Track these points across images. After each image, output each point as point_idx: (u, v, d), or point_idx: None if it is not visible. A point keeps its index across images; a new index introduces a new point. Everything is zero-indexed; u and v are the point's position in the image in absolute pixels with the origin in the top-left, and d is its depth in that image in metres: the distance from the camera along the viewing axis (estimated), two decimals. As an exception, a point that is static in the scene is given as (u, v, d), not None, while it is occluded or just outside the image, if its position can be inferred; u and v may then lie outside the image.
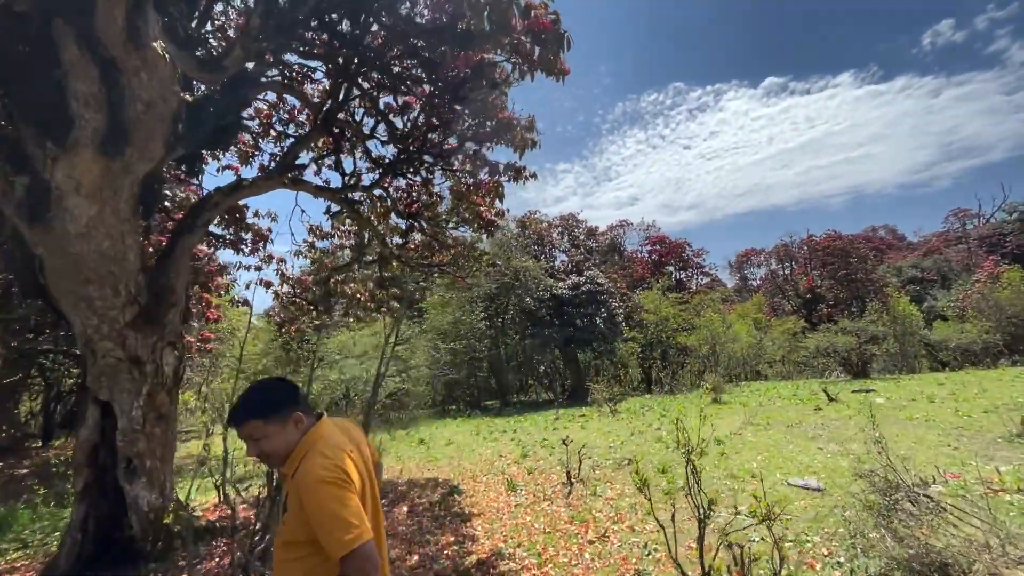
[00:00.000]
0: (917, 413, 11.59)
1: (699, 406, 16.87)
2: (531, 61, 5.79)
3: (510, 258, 22.46)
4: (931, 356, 30.42)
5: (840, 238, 34.77)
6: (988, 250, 40.06)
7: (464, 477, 9.41)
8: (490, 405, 24.44)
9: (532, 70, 5.76)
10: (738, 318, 35.13)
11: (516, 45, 5.56)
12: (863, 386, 17.58)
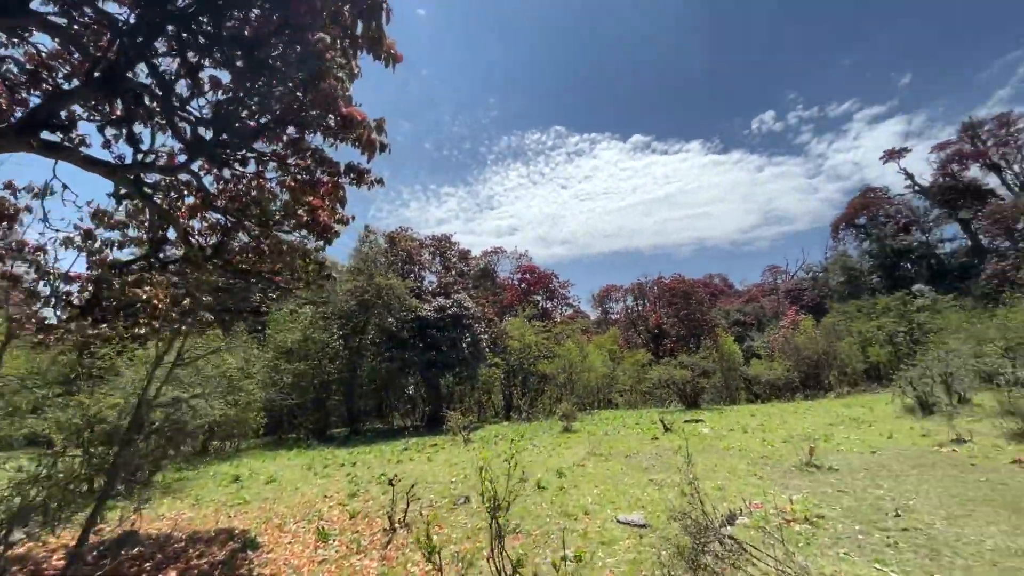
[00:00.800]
0: (733, 443, 12.77)
1: (551, 435, 17.01)
2: (353, 38, 5.08)
3: (373, 274, 21.00)
4: (748, 389, 35.19)
5: (684, 282, 39.14)
6: (792, 301, 48.24)
7: (269, 526, 7.88)
8: (337, 433, 22.24)
9: (356, 49, 5.04)
10: (595, 349, 37.27)
11: (334, 12, 4.80)
12: (694, 416, 19.32)
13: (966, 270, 34.91)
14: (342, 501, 8.99)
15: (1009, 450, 9.50)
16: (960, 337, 21.12)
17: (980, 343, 20.41)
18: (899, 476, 8.43)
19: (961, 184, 39.51)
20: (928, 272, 37.80)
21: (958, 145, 41.18)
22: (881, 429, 13.15)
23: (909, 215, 40.79)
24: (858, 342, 30.37)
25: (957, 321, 23.59)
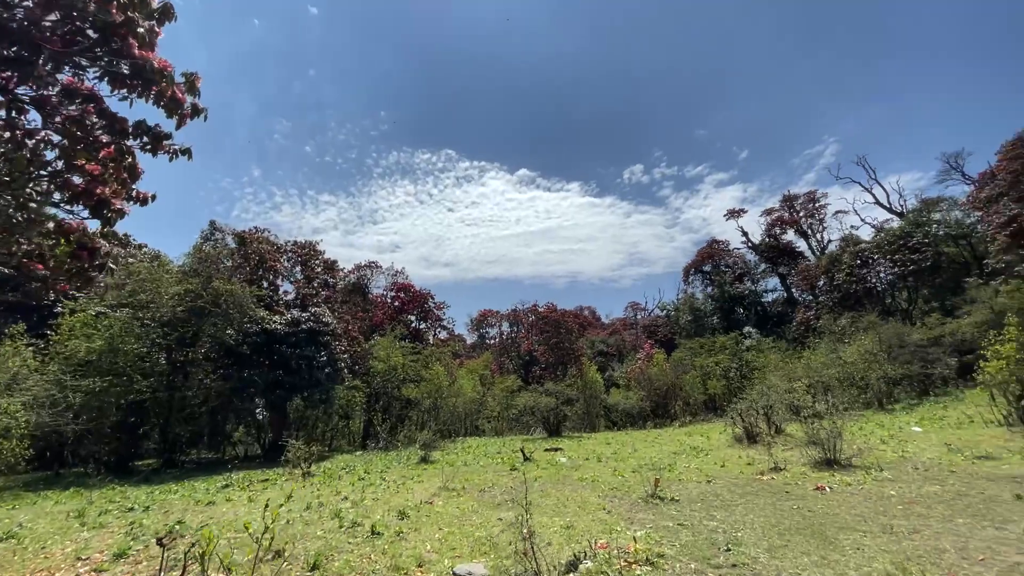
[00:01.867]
0: (587, 473, 12.76)
1: (406, 466, 15.68)
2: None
3: (212, 276, 17.96)
4: (607, 417, 37.17)
5: (556, 311, 40.61)
6: (648, 336, 52.84)
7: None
8: (144, 466, 18.28)
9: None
10: (467, 373, 36.64)
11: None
12: (555, 444, 19.40)
13: (782, 317, 41.30)
14: (100, 566, 6.81)
15: (813, 477, 10.62)
16: (777, 374, 24.38)
17: (791, 380, 23.72)
18: (729, 505, 8.82)
19: (781, 245, 47.15)
20: (755, 317, 44.03)
21: (780, 212, 49.29)
22: (716, 457, 14.18)
23: (743, 267, 47.51)
24: (700, 375, 33.83)
25: (775, 360, 27.36)
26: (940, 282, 30.38)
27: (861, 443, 14.15)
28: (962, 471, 10.20)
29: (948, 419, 16.68)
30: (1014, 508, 7.53)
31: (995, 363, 14.02)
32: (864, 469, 10.87)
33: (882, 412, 20.78)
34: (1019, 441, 12.49)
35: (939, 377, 22.68)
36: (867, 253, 32.68)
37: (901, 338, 23.99)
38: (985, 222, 29.39)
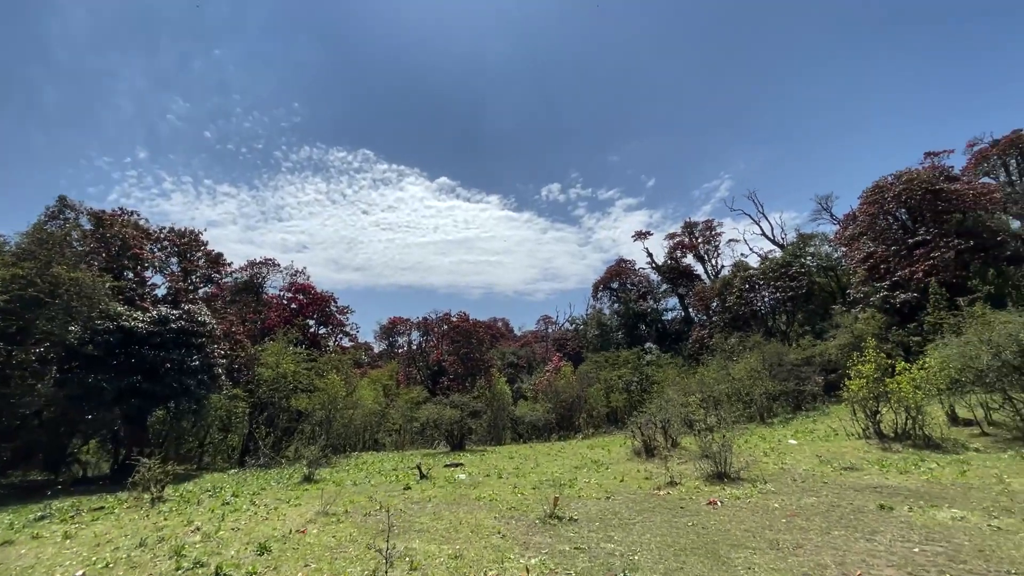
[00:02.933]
0: (486, 491, 12.03)
1: (286, 487, 13.90)
2: None
3: (52, 261, 14.85)
4: (514, 429, 36.88)
5: (468, 321, 39.81)
6: (558, 349, 53.82)
7: None
8: (-63, 494, 14.56)
9: None
10: (369, 383, 34.54)
11: None
12: (456, 460, 18.47)
13: (680, 335, 43.97)
14: None
15: (706, 491, 10.77)
16: (673, 389, 25.53)
17: (687, 394, 24.93)
18: (628, 524, 8.53)
19: (681, 267, 50.48)
20: (656, 333, 46.48)
21: (681, 237, 52.88)
22: (616, 472, 14.14)
23: (647, 286, 50.17)
24: (603, 388, 34.73)
25: (672, 375, 28.73)
26: (812, 308, 34.03)
27: (748, 456, 14.87)
28: (832, 482, 10.88)
29: (817, 432, 18.20)
30: (879, 518, 7.97)
31: (856, 382, 15.49)
32: (751, 482, 11.26)
33: (763, 426, 22.37)
34: (876, 452, 13.79)
35: (810, 393, 25.03)
36: (754, 279, 35.85)
37: (780, 357, 26.25)
38: (848, 257, 33.48)
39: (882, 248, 28.71)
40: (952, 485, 9.85)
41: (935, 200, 27.63)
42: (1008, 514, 7.70)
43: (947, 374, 14.92)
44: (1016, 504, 8.25)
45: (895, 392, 14.47)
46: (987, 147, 36.13)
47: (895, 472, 11.27)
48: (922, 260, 26.03)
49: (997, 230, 27.45)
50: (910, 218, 28.76)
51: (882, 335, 24.65)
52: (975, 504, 8.36)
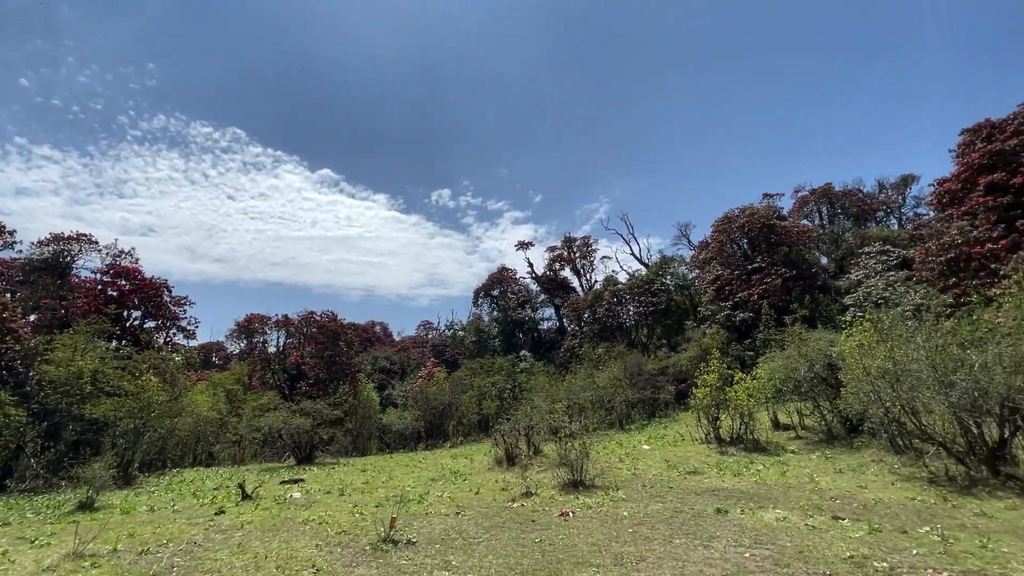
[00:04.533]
0: (319, 512, 10.36)
1: (45, 518, 10.71)
2: None
3: None
4: (381, 438, 34.54)
5: (335, 321, 36.62)
6: (436, 355, 52.24)
7: None
8: None
9: None
10: (207, 387, 29.89)
11: None
12: (298, 475, 16.22)
13: (554, 343, 45.26)
14: None
15: (560, 501, 10.36)
16: (541, 396, 25.70)
17: (554, 401, 25.19)
18: (472, 545, 7.64)
19: (558, 279, 52.29)
20: (532, 341, 47.33)
21: (560, 251, 54.92)
22: (473, 483, 13.29)
23: (526, 295, 51.08)
24: (476, 395, 34.12)
25: (542, 382, 29.04)
26: (669, 323, 37.10)
27: (604, 462, 15.03)
28: (678, 486, 11.17)
29: (668, 437, 19.28)
30: (716, 522, 8.07)
31: (702, 390, 16.63)
32: (605, 489, 11.12)
33: (622, 432, 23.35)
34: (715, 456, 14.75)
35: (663, 401, 26.87)
36: (621, 293, 38.17)
37: (640, 367, 27.88)
38: (700, 279, 37.18)
39: (727, 272, 32.23)
40: (775, 485, 10.59)
41: (769, 234, 31.78)
42: (819, 512, 8.25)
43: (773, 384, 16.65)
44: (824, 502, 8.96)
45: (732, 400, 15.72)
46: (807, 194, 42.98)
47: (730, 475, 11.95)
48: (758, 284, 29.63)
49: (812, 263, 32.40)
50: (750, 247, 32.74)
51: (724, 349, 27.38)
52: (793, 503, 8.92)
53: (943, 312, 14.81)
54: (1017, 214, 18.43)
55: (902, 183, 40.92)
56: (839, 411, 14.69)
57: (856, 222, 39.76)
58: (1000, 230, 18.67)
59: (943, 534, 6.63)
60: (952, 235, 19.97)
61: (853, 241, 33.81)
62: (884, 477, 10.46)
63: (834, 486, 10.08)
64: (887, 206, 41.42)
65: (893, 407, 10.89)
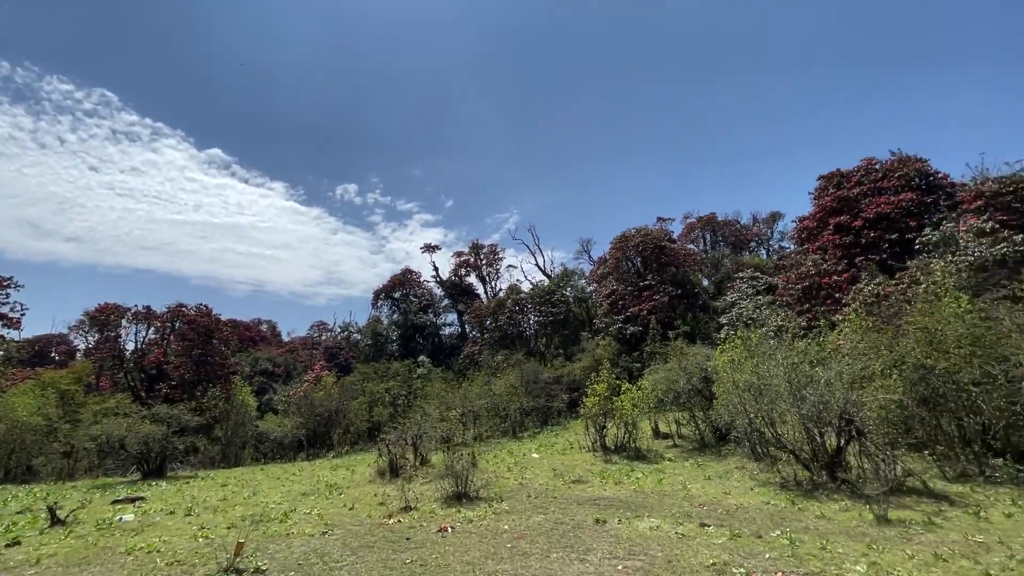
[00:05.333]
0: (152, 537, 8.76)
1: None
2: None
3: None
4: (257, 447, 31.27)
5: (208, 316, 32.72)
6: (328, 358, 48.86)
7: None
8: None
9: None
10: (34, 388, 25.03)
11: None
12: (137, 491, 13.86)
13: (454, 349, 44.58)
14: None
15: (441, 515, 9.78)
16: (435, 403, 24.95)
17: (449, 408, 24.54)
18: (332, 570, 6.80)
19: (463, 285, 51.82)
20: (432, 347, 46.21)
21: (467, 257, 54.56)
22: (349, 497, 12.24)
23: (429, 299, 49.90)
24: (367, 402, 32.32)
25: (438, 389, 28.24)
26: (567, 333, 38.25)
27: (492, 472, 14.70)
28: (562, 496, 11.12)
29: (558, 445, 19.53)
30: (594, 533, 8.02)
31: (591, 399, 17.04)
32: (489, 501, 10.75)
33: (515, 440, 23.32)
34: (600, 464, 15.10)
35: (556, 409, 27.40)
36: (524, 302, 38.67)
37: (536, 375, 28.24)
38: (597, 292, 38.87)
39: (622, 287, 34.00)
40: (652, 493, 10.95)
41: (660, 254, 34.12)
42: (688, 519, 8.56)
43: (655, 395, 17.57)
44: (693, 509, 9.37)
45: (618, 409, 16.28)
46: (695, 221, 47.12)
47: (612, 483, 12.20)
48: (647, 300, 31.57)
49: (695, 284, 35.32)
50: (643, 265, 34.88)
51: (615, 360, 28.70)
52: (667, 511, 9.22)
53: (798, 333, 16.65)
54: (857, 251, 21.53)
55: (771, 218, 46.39)
56: (711, 421, 15.83)
57: (734, 249, 44.24)
58: (843, 264, 21.65)
59: (791, 537, 7.12)
60: (807, 266, 22.77)
61: (730, 266, 37.47)
62: (745, 483, 11.27)
63: (703, 493, 10.64)
64: (759, 237, 46.67)
65: (755, 418, 11.83)
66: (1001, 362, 10.55)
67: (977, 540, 6.73)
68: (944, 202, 20.62)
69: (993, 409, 10.41)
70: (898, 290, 16.40)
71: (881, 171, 23.07)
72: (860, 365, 11.30)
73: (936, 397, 11.10)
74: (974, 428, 10.95)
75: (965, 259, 15.80)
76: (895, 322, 13.40)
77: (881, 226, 21.38)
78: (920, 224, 20.22)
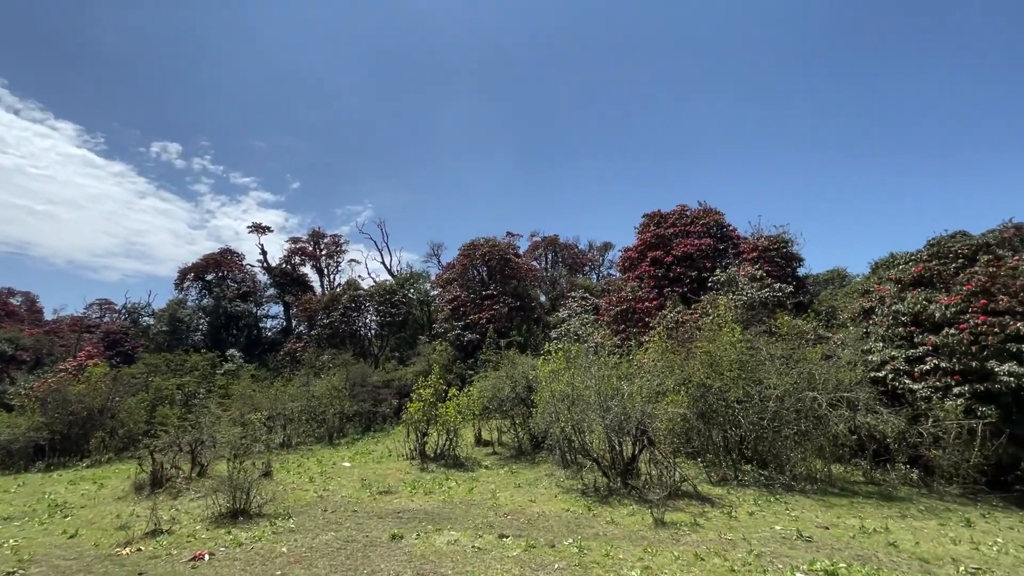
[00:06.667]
0: None
1: None
2: None
3: None
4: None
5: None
6: (109, 345, 39.52)
7: None
8: None
9: None
10: None
11: None
12: None
13: (275, 345, 39.75)
14: None
15: (203, 539, 8.00)
16: (238, 403, 21.62)
17: (255, 410, 21.37)
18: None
19: (296, 274, 46.90)
20: (248, 340, 40.58)
21: (305, 245, 49.67)
22: (79, 520, 9.48)
23: (251, 286, 43.90)
24: (151, 399, 26.72)
25: (243, 388, 24.55)
26: (404, 336, 36.91)
27: (291, 483, 12.94)
28: (363, 509, 10.08)
29: (376, 453, 18.28)
30: (387, 552, 7.22)
31: (416, 404, 16.23)
32: (272, 518, 9.18)
33: (330, 447, 21.28)
34: (415, 473, 14.33)
35: (382, 415, 25.91)
36: (362, 299, 36.30)
37: (364, 378, 26.43)
38: (440, 297, 38.42)
39: (465, 294, 34.07)
40: (460, 503, 10.54)
41: (505, 266, 35.11)
42: (490, 530, 8.29)
43: (481, 401, 17.52)
44: (498, 519, 9.17)
45: (442, 416, 15.77)
46: (539, 240, 49.91)
47: (421, 494, 11.52)
48: (488, 309, 32.08)
49: (534, 298, 37.09)
50: (488, 275, 35.48)
51: (449, 366, 28.36)
52: (470, 523, 8.84)
53: (613, 351, 18.18)
54: (666, 283, 24.69)
55: (604, 247, 51.42)
56: (529, 429, 16.25)
57: (570, 271, 47.82)
58: (655, 293, 24.60)
59: (581, 544, 7.23)
60: (626, 292, 25.37)
61: (565, 286, 40.27)
62: (551, 490, 11.56)
63: (510, 501, 10.58)
64: (592, 263, 51.30)
65: (566, 426, 12.30)
66: (756, 384, 12.61)
67: (727, 538, 7.60)
68: (731, 250, 24.85)
69: (748, 423, 12.36)
70: (692, 319, 18.99)
71: (690, 217, 26.98)
72: (657, 381, 12.56)
73: (711, 412, 12.81)
74: (734, 439, 12.89)
75: (741, 298, 19.02)
76: (687, 345, 15.33)
77: (686, 263, 24.86)
78: (714, 266, 23.97)
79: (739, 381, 12.51)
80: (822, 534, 7.89)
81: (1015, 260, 13.95)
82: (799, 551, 7.01)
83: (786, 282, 20.69)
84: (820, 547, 7.23)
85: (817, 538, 7.63)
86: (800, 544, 7.35)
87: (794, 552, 6.95)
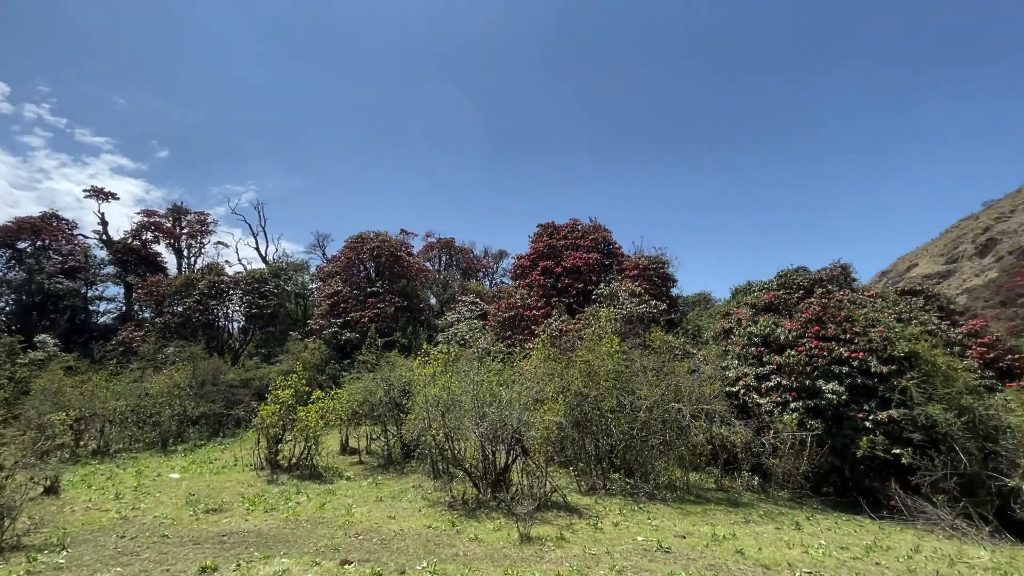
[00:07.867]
0: None
1: None
2: None
3: None
4: None
5: None
6: None
7: None
8: None
9: None
10: None
11: None
12: None
13: (108, 332, 33.42)
14: None
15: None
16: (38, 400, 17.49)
17: (62, 409, 17.37)
18: None
19: (145, 252, 40.22)
20: (70, 325, 33.62)
21: (161, 220, 42.97)
22: None
23: (82, 261, 36.56)
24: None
25: (47, 381, 19.91)
26: (273, 331, 33.25)
27: (85, 502, 10.39)
28: (177, 534, 8.22)
29: (219, 462, 15.81)
30: (190, 591, 5.74)
31: (270, 407, 14.18)
32: (36, 552, 7.03)
33: (161, 454, 18.01)
34: (261, 485, 12.40)
35: (235, 418, 22.74)
36: (224, 286, 31.98)
37: (216, 376, 23.07)
38: (319, 291, 35.34)
39: (348, 290, 31.63)
40: (307, 521, 9.12)
41: (395, 263, 33.33)
42: (334, 555, 7.11)
43: (351, 405, 15.92)
44: (346, 540, 7.97)
45: (301, 420, 13.96)
46: (434, 241, 48.60)
47: (261, 511, 9.83)
48: (372, 308, 30.05)
49: (423, 300, 35.69)
50: (376, 271, 33.39)
51: (321, 367, 25.93)
52: (311, 546, 7.55)
53: (497, 356, 17.72)
54: (554, 293, 25.04)
55: (499, 255, 51.63)
56: (401, 436, 15.07)
57: (464, 275, 47.12)
58: (543, 302, 24.81)
59: (435, 570, 6.40)
60: (515, 299, 25.28)
61: (457, 289, 39.46)
62: (416, 504, 10.58)
63: (367, 518, 9.40)
64: (486, 269, 51.18)
65: (438, 434, 11.43)
66: (629, 395, 12.87)
67: (592, 552, 7.28)
68: (616, 266, 25.97)
69: (620, 432, 12.53)
70: (575, 328, 19.28)
71: (581, 232, 27.81)
72: (536, 388, 12.23)
73: (586, 420, 12.78)
74: (605, 448, 13.00)
75: (621, 311, 19.74)
76: (569, 354, 15.35)
77: (574, 275, 25.46)
78: (599, 279, 24.83)
79: (614, 391, 12.65)
80: (679, 544, 7.93)
81: (841, 294, 16.12)
82: (658, 563, 6.88)
83: (661, 300, 21.99)
84: (677, 558, 7.19)
85: (675, 549, 7.63)
86: (659, 556, 7.25)
87: (653, 565, 6.79)
